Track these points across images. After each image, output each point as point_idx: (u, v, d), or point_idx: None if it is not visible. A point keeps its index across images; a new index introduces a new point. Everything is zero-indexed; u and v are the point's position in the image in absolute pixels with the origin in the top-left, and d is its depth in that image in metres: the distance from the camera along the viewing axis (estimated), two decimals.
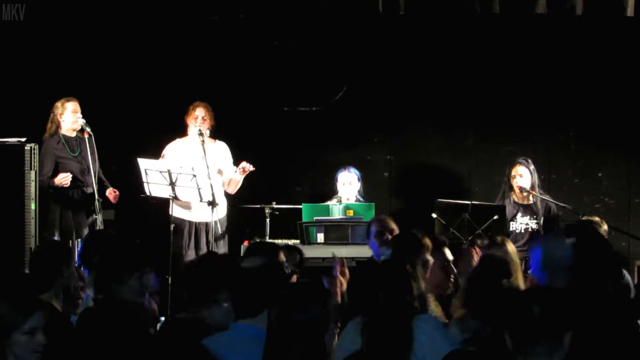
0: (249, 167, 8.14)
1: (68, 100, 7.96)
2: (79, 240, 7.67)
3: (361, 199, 8.37)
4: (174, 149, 8.26)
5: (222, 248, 8.08)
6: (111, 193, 8.02)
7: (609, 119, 9.12)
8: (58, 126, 7.96)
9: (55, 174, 7.84)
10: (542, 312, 3.05)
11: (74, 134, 7.99)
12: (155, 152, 8.20)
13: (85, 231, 7.83)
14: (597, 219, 7.54)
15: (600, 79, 9.09)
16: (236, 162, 8.31)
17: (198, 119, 8.17)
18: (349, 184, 8.38)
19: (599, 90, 9.11)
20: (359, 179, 8.45)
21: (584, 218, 7.85)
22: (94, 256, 4.99)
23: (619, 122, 9.11)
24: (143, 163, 7.80)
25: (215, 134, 8.30)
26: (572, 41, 9.10)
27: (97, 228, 7.76)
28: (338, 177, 8.44)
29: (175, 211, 8.04)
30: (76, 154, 7.94)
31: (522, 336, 3.08)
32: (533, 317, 3.05)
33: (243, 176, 8.21)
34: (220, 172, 8.23)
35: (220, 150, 8.33)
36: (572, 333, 3.18)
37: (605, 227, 7.45)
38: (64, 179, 7.75)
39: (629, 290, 5.75)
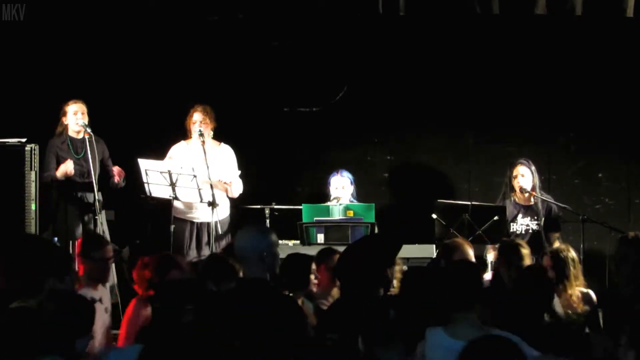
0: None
1: (73, 102, 7.98)
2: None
3: (355, 202, 8.36)
4: (177, 151, 8.27)
5: None
6: (117, 173, 7.99)
7: (609, 120, 9.12)
8: (65, 128, 7.99)
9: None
10: (397, 316, 3.15)
11: (80, 136, 8.00)
12: (155, 153, 8.19)
13: (80, 231, 7.83)
14: None
15: (600, 80, 9.09)
16: (239, 164, 8.32)
17: (196, 123, 8.17)
18: (341, 188, 8.37)
19: (599, 91, 9.11)
20: (351, 182, 8.44)
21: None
22: None
23: (618, 123, 9.11)
24: (143, 163, 7.79)
25: (216, 135, 8.30)
26: (571, 42, 9.10)
27: (98, 228, 7.77)
28: (331, 181, 8.43)
29: (177, 211, 8.05)
30: (80, 156, 7.94)
31: (377, 338, 3.17)
32: (389, 321, 3.16)
33: (230, 181, 8.18)
34: (222, 173, 8.21)
35: (224, 154, 8.31)
36: None
37: None
38: (66, 168, 7.74)
39: None
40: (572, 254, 6.29)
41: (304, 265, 5.71)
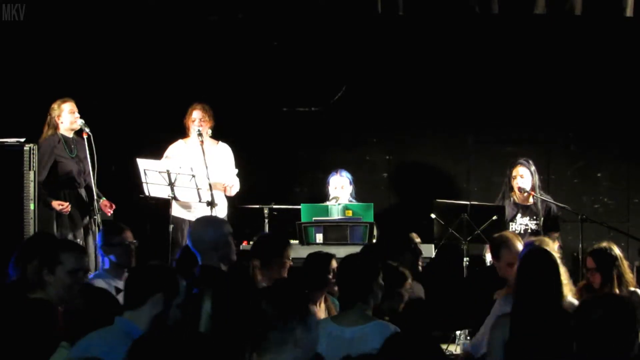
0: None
1: (64, 101, 7.91)
2: (78, 240, 7.68)
3: (354, 202, 8.36)
4: (175, 150, 8.28)
5: None
6: (107, 206, 7.91)
7: (609, 120, 9.11)
8: (56, 127, 7.93)
9: (54, 174, 7.82)
10: (274, 307, 3.22)
11: (71, 135, 7.97)
12: (154, 153, 8.20)
13: (81, 232, 7.83)
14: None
15: (600, 80, 9.08)
16: (237, 163, 8.32)
17: (195, 121, 8.18)
18: (340, 187, 8.38)
19: (598, 91, 9.10)
20: (350, 182, 8.45)
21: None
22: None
23: (618, 123, 9.11)
24: (142, 163, 7.79)
25: (215, 134, 8.30)
26: (571, 41, 9.09)
27: (98, 228, 7.76)
28: (330, 181, 8.44)
29: (175, 210, 8.06)
30: (74, 155, 7.93)
31: (256, 330, 3.22)
32: (266, 313, 3.23)
33: (231, 185, 8.19)
34: (222, 176, 8.21)
35: (222, 152, 8.33)
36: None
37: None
38: (64, 208, 7.68)
39: None
40: (617, 251, 5.96)
41: (323, 265, 5.73)
